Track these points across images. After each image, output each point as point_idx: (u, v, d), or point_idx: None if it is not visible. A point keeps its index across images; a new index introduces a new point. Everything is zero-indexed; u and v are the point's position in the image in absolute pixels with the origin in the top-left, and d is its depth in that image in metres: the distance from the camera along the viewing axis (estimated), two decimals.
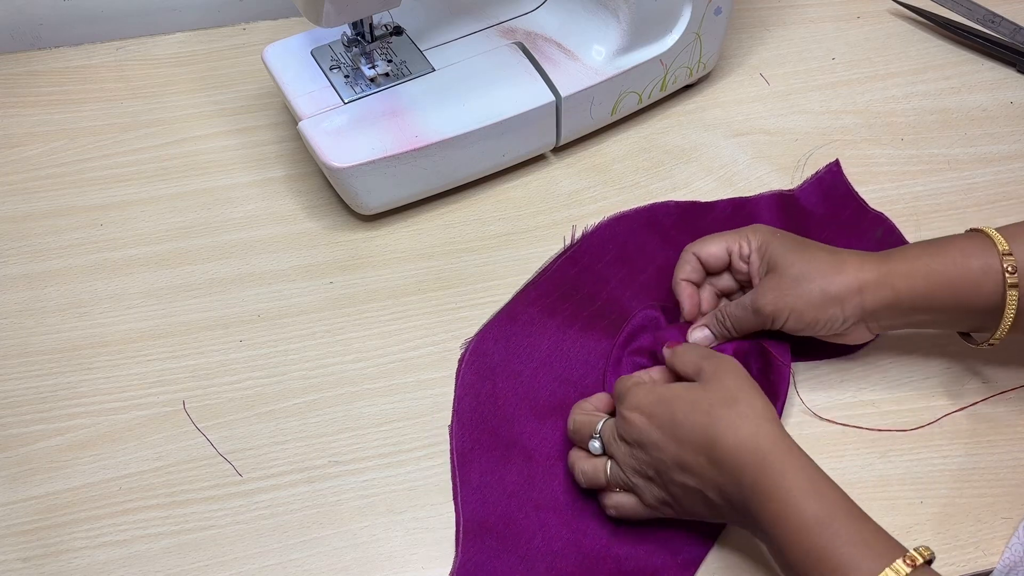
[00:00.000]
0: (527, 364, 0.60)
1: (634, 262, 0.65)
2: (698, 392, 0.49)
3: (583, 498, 0.55)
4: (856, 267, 0.53)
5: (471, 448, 0.57)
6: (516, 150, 0.68)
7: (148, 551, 0.53)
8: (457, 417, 0.58)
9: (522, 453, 0.57)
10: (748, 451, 0.46)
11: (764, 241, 0.56)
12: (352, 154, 0.62)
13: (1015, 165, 0.71)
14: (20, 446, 0.57)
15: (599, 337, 0.61)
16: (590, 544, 0.53)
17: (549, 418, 0.58)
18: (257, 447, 0.57)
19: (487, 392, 0.59)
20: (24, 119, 0.73)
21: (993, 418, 0.58)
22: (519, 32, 0.70)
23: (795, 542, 0.43)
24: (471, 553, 0.53)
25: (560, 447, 0.57)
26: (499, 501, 0.55)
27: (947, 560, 0.53)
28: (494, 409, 0.58)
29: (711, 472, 0.47)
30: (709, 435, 0.47)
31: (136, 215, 0.68)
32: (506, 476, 0.56)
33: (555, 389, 0.59)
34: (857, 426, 0.58)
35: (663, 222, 0.68)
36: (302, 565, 0.53)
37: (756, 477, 0.45)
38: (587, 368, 0.60)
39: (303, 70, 0.66)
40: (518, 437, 0.57)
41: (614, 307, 0.63)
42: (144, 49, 0.79)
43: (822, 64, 0.78)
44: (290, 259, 0.66)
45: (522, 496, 0.55)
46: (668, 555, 0.52)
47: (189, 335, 0.62)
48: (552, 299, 0.63)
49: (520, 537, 0.54)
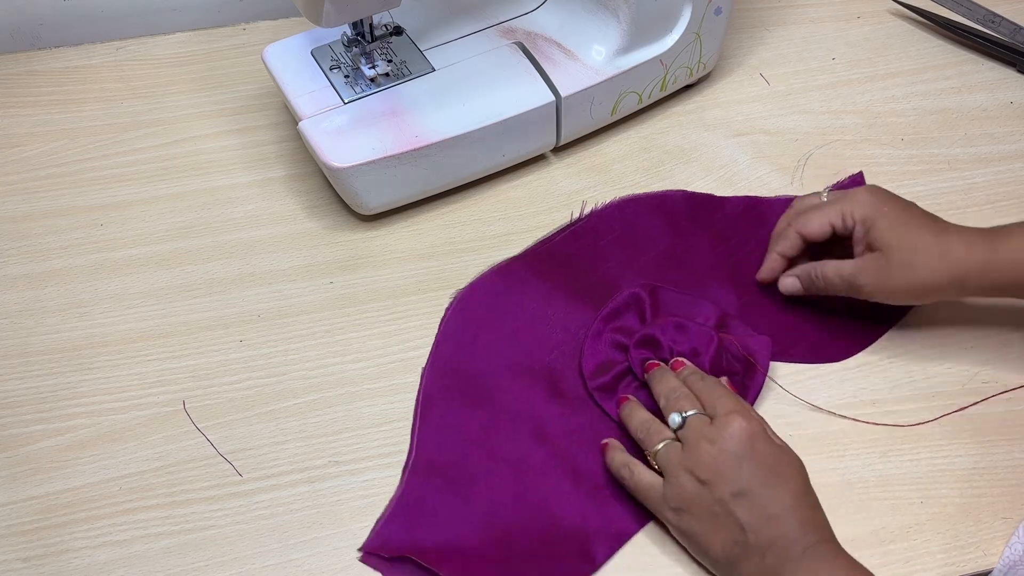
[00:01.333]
0: (510, 321, 0.62)
1: (637, 245, 0.66)
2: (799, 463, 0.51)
3: (538, 456, 0.56)
4: (962, 254, 0.53)
5: (438, 390, 0.59)
6: (516, 150, 0.68)
7: (148, 551, 0.53)
8: (432, 360, 0.60)
9: (487, 404, 0.58)
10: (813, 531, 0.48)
11: (868, 216, 0.56)
12: (352, 154, 0.62)
13: (1015, 165, 0.71)
14: (20, 446, 0.57)
15: (585, 308, 0.62)
16: (532, 498, 0.54)
17: (520, 376, 0.59)
18: (257, 447, 0.57)
19: (467, 341, 0.61)
20: (24, 119, 0.73)
21: (993, 418, 0.58)
22: (519, 32, 0.70)
23: None
24: (413, 486, 0.55)
25: (526, 404, 0.58)
26: (455, 445, 0.56)
27: (947, 560, 0.53)
28: (470, 358, 0.60)
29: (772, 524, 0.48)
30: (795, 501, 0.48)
31: (136, 215, 0.68)
32: (467, 422, 0.57)
33: (532, 350, 0.61)
34: (873, 423, 0.58)
35: (674, 210, 0.68)
36: (302, 565, 0.53)
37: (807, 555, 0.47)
38: (567, 335, 0.61)
39: (303, 70, 0.66)
40: (487, 389, 0.59)
41: (607, 284, 0.64)
42: (144, 49, 0.79)
43: (822, 64, 0.78)
44: (290, 259, 0.66)
45: (478, 444, 0.56)
46: (602, 523, 0.53)
47: (189, 335, 0.62)
48: (547, 265, 0.65)
49: (466, 481, 0.55)
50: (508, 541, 0.53)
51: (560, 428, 0.57)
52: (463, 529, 0.53)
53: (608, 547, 0.53)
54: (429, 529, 0.53)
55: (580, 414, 0.58)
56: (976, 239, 0.54)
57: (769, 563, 0.47)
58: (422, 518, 0.54)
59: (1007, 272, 0.53)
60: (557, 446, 0.57)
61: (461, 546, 0.52)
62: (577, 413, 0.58)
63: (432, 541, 0.53)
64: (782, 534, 0.47)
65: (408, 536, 0.53)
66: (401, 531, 0.53)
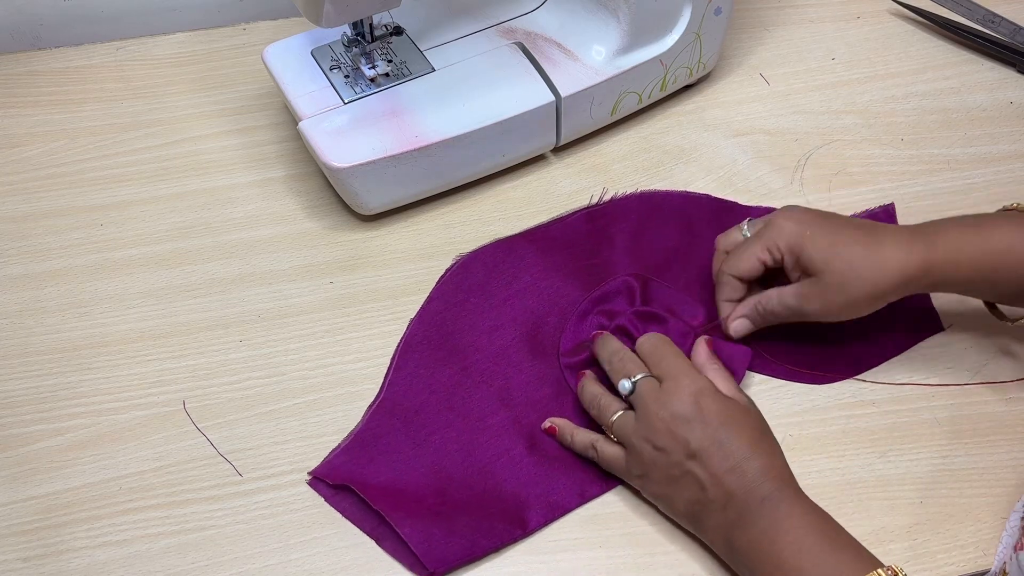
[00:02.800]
0: (502, 289, 0.63)
1: (647, 238, 0.66)
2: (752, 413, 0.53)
3: (497, 418, 0.58)
4: (900, 260, 0.53)
5: (419, 342, 0.61)
6: (516, 150, 0.68)
7: (148, 551, 0.53)
8: (420, 313, 0.62)
9: (461, 360, 0.60)
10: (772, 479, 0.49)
11: (793, 244, 0.55)
12: (352, 154, 0.62)
13: (1015, 165, 0.71)
14: (20, 446, 0.57)
15: (578, 289, 0.63)
16: (479, 457, 0.56)
17: (499, 341, 0.61)
18: (257, 447, 0.57)
19: (457, 302, 0.63)
20: (24, 119, 0.73)
21: (993, 418, 0.58)
22: (519, 32, 0.70)
23: None
24: (374, 424, 0.57)
25: (497, 367, 0.60)
26: (420, 393, 0.58)
27: (947, 560, 0.53)
28: (455, 317, 0.62)
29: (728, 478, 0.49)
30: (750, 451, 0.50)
31: (136, 215, 0.68)
32: (438, 374, 0.59)
33: (517, 317, 0.62)
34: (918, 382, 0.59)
35: (693, 211, 0.68)
36: (302, 565, 0.53)
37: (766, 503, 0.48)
38: (555, 310, 0.62)
39: (303, 70, 0.66)
40: (464, 346, 0.61)
41: (607, 270, 0.64)
42: (144, 49, 0.79)
43: (822, 64, 0.78)
44: (290, 259, 0.66)
45: (442, 396, 0.58)
46: (542, 491, 0.55)
47: (189, 335, 0.62)
48: (553, 243, 0.66)
49: (423, 428, 0.57)
50: (447, 491, 0.55)
51: (524, 396, 0.59)
52: (408, 473, 0.55)
53: (543, 516, 0.54)
54: (377, 467, 0.55)
55: (547, 387, 0.59)
56: (913, 240, 0.53)
57: (731, 516, 0.49)
58: (373, 455, 0.56)
59: (950, 267, 0.53)
60: (517, 412, 0.58)
61: (402, 488, 0.54)
62: (544, 386, 0.59)
63: (376, 479, 0.55)
64: (739, 486, 0.49)
65: (356, 469, 0.55)
66: (350, 463, 0.55)
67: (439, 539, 0.52)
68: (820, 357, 0.60)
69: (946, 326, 0.62)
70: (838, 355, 0.61)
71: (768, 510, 0.48)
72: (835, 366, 0.60)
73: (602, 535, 0.54)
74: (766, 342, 0.60)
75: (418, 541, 0.52)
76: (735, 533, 0.49)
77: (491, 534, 0.53)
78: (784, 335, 0.60)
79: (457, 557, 0.52)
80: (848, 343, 0.61)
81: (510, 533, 0.53)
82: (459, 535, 0.52)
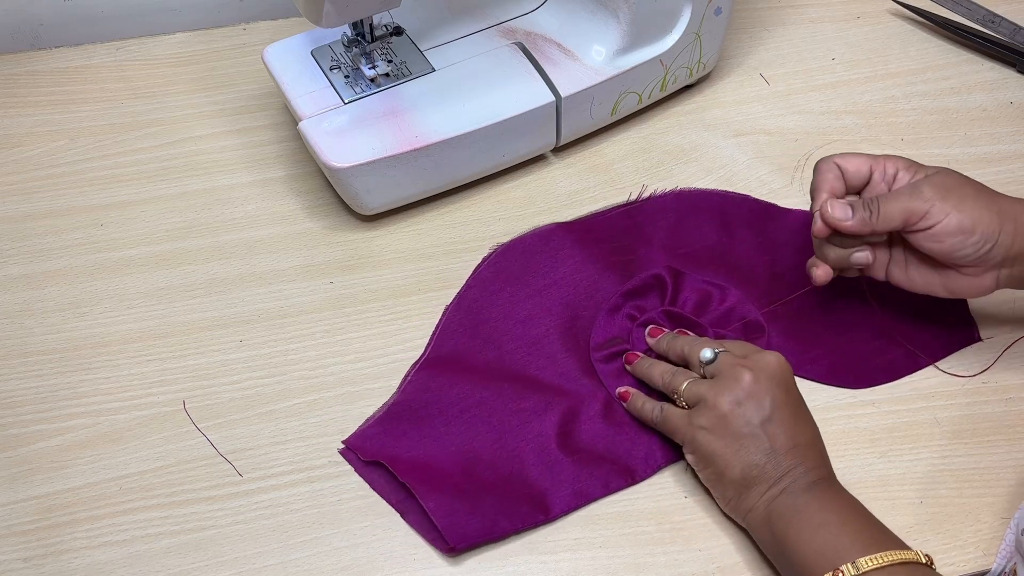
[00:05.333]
0: (538, 279, 0.64)
1: (683, 236, 0.66)
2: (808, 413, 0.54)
3: (529, 404, 0.58)
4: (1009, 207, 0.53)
5: (455, 325, 0.62)
6: (516, 150, 0.68)
7: (148, 551, 0.53)
8: (457, 300, 0.63)
9: (496, 347, 0.61)
10: (826, 465, 0.52)
11: (910, 167, 0.56)
12: (352, 154, 0.62)
13: (1015, 165, 0.71)
14: (20, 446, 0.57)
15: (613, 283, 0.63)
16: (509, 440, 0.56)
17: (534, 331, 0.61)
18: (257, 447, 0.57)
19: (494, 290, 0.63)
20: (24, 119, 0.73)
21: (993, 418, 0.58)
22: (519, 32, 0.70)
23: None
24: (408, 396, 0.58)
25: (531, 357, 0.60)
26: (456, 372, 0.59)
27: (947, 560, 0.53)
28: (492, 305, 0.63)
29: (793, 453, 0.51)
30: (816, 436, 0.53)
31: (136, 215, 0.68)
32: (474, 357, 0.60)
33: (552, 308, 0.62)
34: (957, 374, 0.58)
35: (730, 211, 0.68)
36: (302, 565, 0.53)
37: (820, 485, 0.50)
38: (590, 303, 0.63)
39: (303, 70, 0.66)
40: (499, 333, 0.61)
41: (642, 266, 0.64)
42: (144, 49, 0.79)
43: (822, 64, 0.78)
44: (290, 259, 0.66)
45: (477, 377, 0.59)
46: (567, 480, 0.55)
47: (189, 335, 0.62)
48: (590, 236, 0.66)
49: (456, 407, 0.58)
50: (475, 471, 0.55)
51: (556, 386, 0.59)
52: (438, 449, 0.56)
53: (566, 503, 0.54)
54: (409, 440, 0.56)
55: (578, 378, 0.59)
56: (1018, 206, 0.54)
57: (783, 487, 0.50)
58: (406, 428, 0.57)
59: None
60: (549, 400, 0.58)
61: (430, 463, 0.55)
62: (576, 377, 0.59)
63: (407, 453, 0.55)
64: (799, 462, 0.50)
65: (387, 442, 0.56)
66: (383, 435, 0.56)
67: (462, 515, 0.52)
68: (854, 362, 0.60)
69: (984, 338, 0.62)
70: (872, 362, 0.60)
71: (819, 491, 0.50)
72: (868, 373, 0.60)
73: (602, 535, 0.54)
74: (802, 346, 0.61)
75: (442, 515, 0.52)
76: (781, 500, 0.49)
77: (514, 516, 0.53)
78: (814, 341, 0.61)
79: (478, 535, 0.52)
80: (883, 350, 0.60)
81: (532, 517, 0.54)
82: (482, 513, 0.53)
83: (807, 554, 0.47)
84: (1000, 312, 0.63)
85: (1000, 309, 0.63)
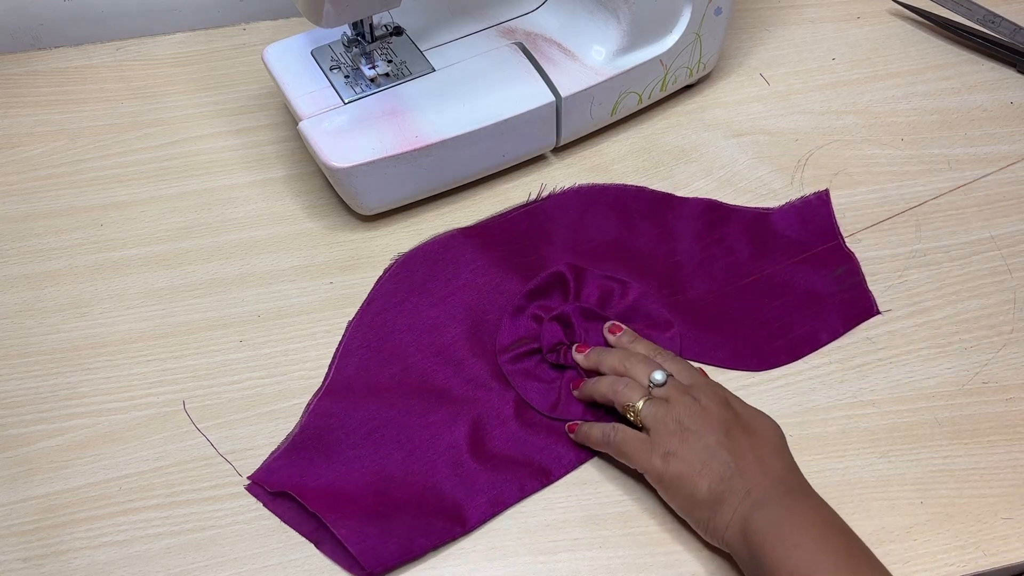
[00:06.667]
0: (441, 286, 0.63)
1: (584, 231, 0.67)
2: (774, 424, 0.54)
3: (437, 417, 0.57)
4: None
5: (359, 345, 0.61)
6: (516, 150, 0.68)
7: (148, 551, 0.53)
8: (360, 315, 0.62)
9: (401, 361, 0.60)
10: (794, 477, 0.51)
11: None
12: (352, 154, 0.62)
13: (1015, 165, 0.71)
14: (20, 446, 0.57)
15: (517, 285, 0.63)
16: (419, 455, 0.56)
17: (438, 340, 0.61)
18: (257, 447, 0.57)
19: (397, 301, 0.63)
20: (24, 119, 0.73)
21: (993, 418, 0.58)
22: (519, 32, 0.70)
23: None
24: (312, 425, 0.57)
25: (437, 367, 0.60)
26: (359, 393, 0.58)
27: (947, 560, 0.53)
28: (395, 317, 0.62)
29: (757, 465, 0.50)
30: (779, 450, 0.52)
31: (136, 215, 0.68)
32: (377, 374, 0.59)
33: (456, 315, 0.62)
34: None
35: (629, 204, 0.68)
36: (302, 565, 0.53)
37: (788, 497, 0.49)
38: (494, 307, 0.62)
39: (303, 70, 0.66)
40: (403, 346, 0.61)
41: (545, 265, 0.64)
42: (144, 49, 0.79)
43: (822, 64, 0.78)
44: (290, 259, 0.66)
45: (382, 396, 0.58)
46: (481, 489, 0.55)
47: (189, 335, 0.62)
48: (492, 240, 0.66)
49: (360, 426, 0.57)
50: (387, 490, 0.55)
51: (464, 394, 0.59)
52: (348, 473, 0.55)
53: (482, 512, 0.54)
54: (316, 468, 0.55)
55: (486, 384, 0.59)
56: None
57: (754, 499, 0.49)
58: (312, 456, 0.56)
59: None
60: (457, 409, 0.58)
61: (340, 488, 0.54)
62: (484, 383, 0.59)
63: (315, 480, 0.55)
64: (765, 473, 0.50)
65: (294, 473, 0.55)
66: (289, 466, 0.55)
67: (375, 538, 0.52)
68: (756, 345, 0.61)
69: (883, 311, 0.63)
70: (773, 343, 0.61)
71: (793, 501, 0.49)
72: (771, 354, 0.61)
73: (602, 535, 0.54)
74: (706, 334, 0.62)
75: (355, 541, 0.52)
76: (754, 514, 0.49)
77: (430, 532, 0.53)
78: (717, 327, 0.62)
79: (394, 557, 0.52)
80: (784, 332, 0.62)
81: (449, 531, 0.53)
82: (396, 534, 0.52)
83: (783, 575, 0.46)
84: (1000, 312, 0.63)
85: (1001, 308, 0.63)
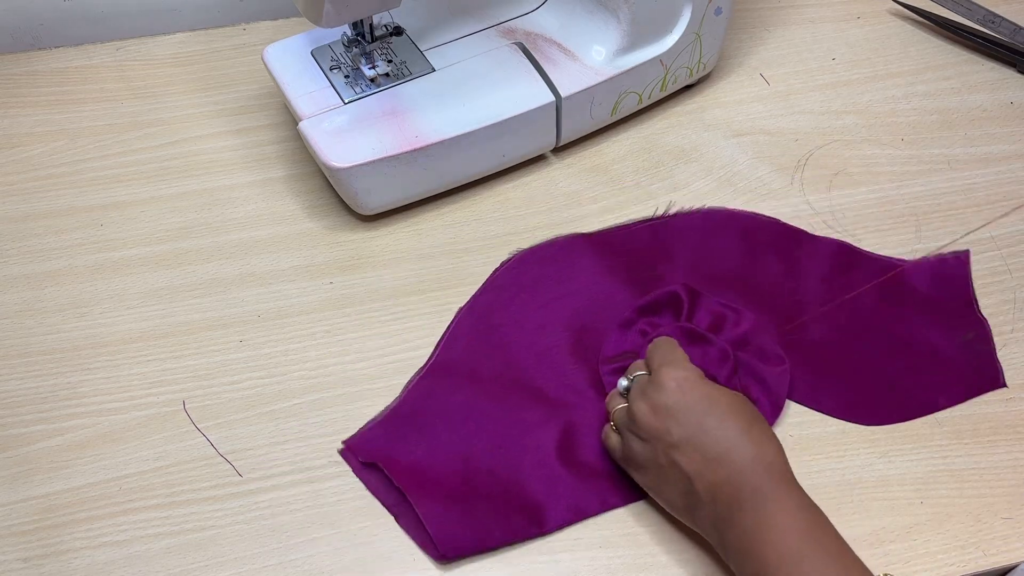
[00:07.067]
0: (554, 288, 0.63)
1: (707, 255, 0.65)
2: (741, 400, 0.50)
3: (533, 416, 0.57)
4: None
5: (466, 332, 0.61)
6: (516, 150, 0.68)
7: (148, 551, 0.53)
8: (470, 304, 0.63)
9: (504, 355, 0.60)
10: (762, 470, 0.47)
11: None
12: (352, 154, 0.62)
13: (1015, 165, 0.71)
14: (20, 446, 0.57)
15: (630, 298, 0.63)
16: (509, 451, 0.56)
17: (544, 341, 0.61)
18: (257, 447, 0.57)
19: (508, 296, 0.63)
20: (24, 119, 0.73)
21: (993, 418, 0.58)
22: (519, 32, 0.70)
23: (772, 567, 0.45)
24: (411, 400, 0.58)
25: (540, 367, 0.60)
26: (462, 379, 0.59)
27: (947, 560, 0.53)
28: (504, 310, 0.62)
29: (714, 468, 0.48)
30: (738, 439, 0.48)
31: (136, 215, 0.68)
32: (481, 364, 0.60)
33: (565, 319, 0.62)
34: None
35: (758, 235, 0.67)
36: (302, 565, 0.53)
37: (755, 497, 0.46)
38: (603, 316, 0.62)
39: (303, 70, 0.66)
40: (509, 342, 0.61)
41: (660, 283, 0.63)
42: (144, 49, 0.79)
43: (822, 64, 0.78)
44: (290, 259, 0.66)
45: (482, 385, 0.58)
46: (564, 494, 0.54)
47: (189, 335, 0.62)
48: (612, 249, 0.66)
49: (457, 411, 0.57)
50: (473, 479, 0.55)
51: (561, 398, 0.59)
52: (437, 454, 0.56)
53: (561, 517, 0.54)
54: (408, 445, 0.56)
55: (585, 392, 0.59)
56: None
57: (720, 510, 0.47)
58: (407, 433, 0.56)
59: None
60: (553, 413, 0.58)
61: (428, 468, 0.55)
62: (582, 390, 0.59)
63: (405, 457, 0.55)
64: (727, 476, 0.47)
65: (386, 445, 0.56)
66: (383, 438, 0.56)
67: (455, 523, 0.52)
68: (870, 398, 0.59)
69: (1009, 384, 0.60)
70: (888, 398, 0.59)
71: (757, 504, 0.46)
72: (883, 410, 0.58)
73: (602, 535, 0.54)
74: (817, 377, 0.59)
75: (435, 522, 0.52)
76: (724, 529, 0.47)
77: (507, 527, 0.53)
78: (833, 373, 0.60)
79: (470, 544, 0.52)
80: (901, 388, 0.59)
81: (526, 530, 0.53)
82: (476, 522, 0.53)
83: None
84: (1001, 312, 0.63)
85: (1001, 308, 0.63)
